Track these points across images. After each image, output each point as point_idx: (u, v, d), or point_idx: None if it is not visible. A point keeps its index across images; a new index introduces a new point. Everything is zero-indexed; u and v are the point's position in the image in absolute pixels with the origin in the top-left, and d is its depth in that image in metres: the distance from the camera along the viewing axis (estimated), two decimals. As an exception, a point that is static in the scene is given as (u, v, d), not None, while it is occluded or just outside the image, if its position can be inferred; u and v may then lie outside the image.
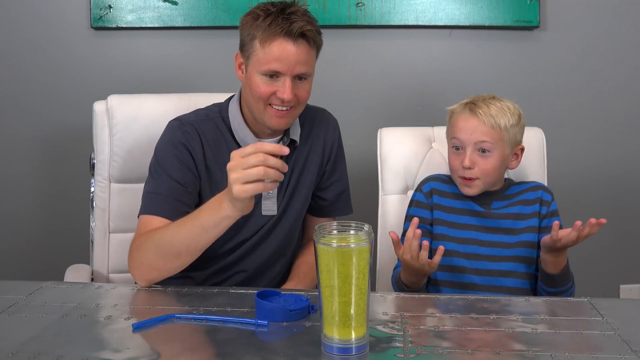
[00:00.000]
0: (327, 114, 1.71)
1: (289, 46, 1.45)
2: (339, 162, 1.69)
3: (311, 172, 1.62)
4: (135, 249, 1.41)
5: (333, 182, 1.68)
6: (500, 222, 1.57)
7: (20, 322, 1.18)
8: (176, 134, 1.53)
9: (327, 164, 1.66)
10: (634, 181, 2.57)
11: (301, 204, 1.62)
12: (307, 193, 1.63)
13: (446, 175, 1.67)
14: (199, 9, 2.37)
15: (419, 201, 1.64)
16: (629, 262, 2.62)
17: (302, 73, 1.48)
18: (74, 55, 2.42)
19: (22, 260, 2.49)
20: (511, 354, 1.06)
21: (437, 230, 1.60)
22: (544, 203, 1.58)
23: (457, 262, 1.56)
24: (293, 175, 1.60)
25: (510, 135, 1.55)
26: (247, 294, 1.32)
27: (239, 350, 1.09)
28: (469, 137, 1.55)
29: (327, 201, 1.68)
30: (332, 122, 1.70)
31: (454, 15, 2.42)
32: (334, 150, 1.67)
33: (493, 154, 1.54)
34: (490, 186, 1.59)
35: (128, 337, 1.12)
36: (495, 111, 1.54)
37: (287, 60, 1.45)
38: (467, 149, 1.55)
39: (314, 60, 1.52)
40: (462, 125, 1.57)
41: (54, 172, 2.48)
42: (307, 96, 1.53)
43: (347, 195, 1.72)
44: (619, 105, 2.53)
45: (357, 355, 1.04)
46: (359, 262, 1.01)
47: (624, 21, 2.48)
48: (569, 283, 1.50)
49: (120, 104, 1.80)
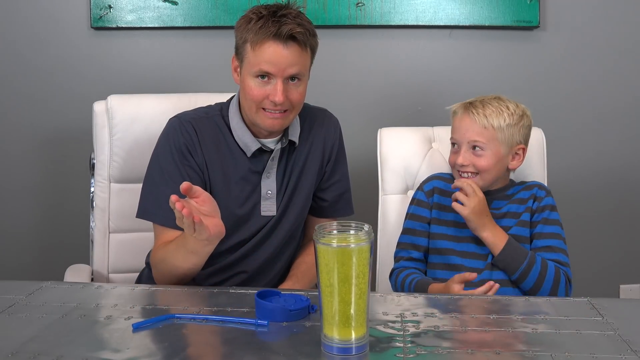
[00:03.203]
0: (329, 114, 1.71)
1: (279, 48, 1.45)
2: (339, 163, 1.69)
3: (311, 172, 1.62)
4: (154, 266, 1.53)
5: (334, 182, 1.68)
6: (498, 222, 1.58)
7: (20, 322, 1.18)
8: (177, 137, 1.54)
9: (328, 164, 1.66)
10: (633, 181, 2.57)
11: (301, 205, 1.62)
12: (307, 194, 1.63)
13: (449, 174, 1.68)
14: (199, 9, 2.37)
15: (420, 200, 1.67)
16: (629, 262, 2.62)
17: (294, 74, 1.48)
18: (74, 55, 2.42)
19: (22, 260, 2.49)
20: (511, 354, 1.06)
21: (435, 230, 1.62)
22: (537, 199, 1.60)
23: (453, 260, 1.58)
24: (292, 176, 1.60)
25: (505, 135, 1.57)
26: (247, 294, 1.32)
27: (239, 350, 1.09)
28: (463, 136, 1.59)
29: (328, 202, 1.68)
30: (333, 123, 1.69)
31: (454, 15, 2.41)
32: (334, 151, 1.67)
33: (486, 152, 1.57)
34: (489, 184, 1.60)
35: (128, 337, 1.12)
36: (490, 111, 1.57)
37: (277, 63, 1.46)
38: (462, 147, 1.59)
39: (308, 62, 1.52)
40: (457, 124, 1.62)
41: (54, 172, 2.48)
42: (300, 98, 1.52)
43: (348, 196, 1.72)
44: (619, 105, 2.53)
45: (357, 355, 1.04)
46: (359, 262, 1.01)
47: (624, 21, 2.48)
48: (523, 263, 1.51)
49: (120, 104, 1.80)
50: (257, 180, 1.57)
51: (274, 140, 1.58)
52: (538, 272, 1.50)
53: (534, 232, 1.58)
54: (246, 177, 1.56)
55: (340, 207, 1.70)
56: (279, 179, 1.58)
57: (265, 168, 1.56)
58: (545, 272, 1.50)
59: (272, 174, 1.57)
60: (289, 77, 1.48)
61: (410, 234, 1.64)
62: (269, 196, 1.57)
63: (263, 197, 1.57)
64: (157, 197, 1.51)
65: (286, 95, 1.47)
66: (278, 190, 1.58)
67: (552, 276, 1.50)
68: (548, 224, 1.58)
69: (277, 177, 1.58)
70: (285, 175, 1.59)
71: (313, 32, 1.50)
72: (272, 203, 1.57)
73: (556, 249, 1.55)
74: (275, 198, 1.58)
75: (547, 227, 1.57)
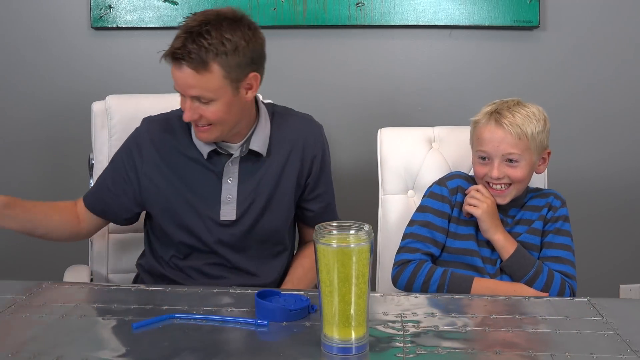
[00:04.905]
0: (313, 123, 1.64)
1: (174, 69, 1.42)
2: (324, 173, 1.63)
3: (289, 183, 1.57)
4: None
5: (319, 194, 1.64)
6: (510, 228, 1.57)
7: (20, 322, 1.18)
8: (132, 137, 1.60)
9: (310, 176, 1.60)
10: (634, 181, 2.57)
11: (280, 216, 1.58)
12: (286, 205, 1.58)
13: (470, 176, 1.64)
14: (199, 9, 2.34)
15: (443, 196, 1.59)
16: (629, 262, 2.62)
17: (195, 96, 1.42)
18: (74, 55, 2.42)
19: (22, 260, 2.49)
20: (511, 354, 1.06)
21: (456, 229, 1.57)
22: (552, 208, 1.57)
23: (476, 262, 1.54)
24: (264, 185, 1.55)
25: (537, 142, 1.53)
26: (247, 294, 1.32)
27: (239, 350, 1.09)
28: (497, 148, 1.52)
29: (314, 212, 1.65)
30: (314, 132, 1.62)
31: (454, 15, 2.41)
32: (316, 162, 1.60)
33: (521, 163, 1.52)
34: (520, 192, 1.57)
35: (128, 337, 1.12)
36: (521, 120, 1.51)
37: (177, 83, 1.43)
38: (495, 160, 1.52)
39: (214, 83, 1.40)
40: (488, 136, 1.53)
41: (53, 173, 2.48)
42: (215, 117, 1.44)
43: (333, 206, 1.68)
44: (619, 105, 2.53)
45: (357, 355, 1.04)
46: (359, 262, 1.01)
47: (624, 21, 2.48)
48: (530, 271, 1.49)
49: (119, 104, 1.80)
50: (217, 183, 1.53)
51: (237, 145, 1.54)
52: (543, 283, 1.48)
53: (545, 241, 1.55)
54: (202, 179, 1.53)
55: (326, 217, 1.62)
56: (243, 185, 1.54)
57: (224, 172, 1.53)
58: (550, 283, 1.48)
59: (234, 179, 1.53)
60: (192, 97, 1.42)
61: (430, 228, 1.56)
62: (229, 200, 1.53)
63: (223, 201, 1.53)
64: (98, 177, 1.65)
65: (199, 113, 1.43)
66: (240, 196, 1.53)
67: (557, 288, 1.49)
68: (560, 234, 1.55)
69: (241, 183, 1.53)
70: (252, 183, 1.54)
71: (217, 49, 1.38)
72: (232, 208, 1.53)
73: (565, 260, 1.52)
74: (236, 203, 1.53)
75: (558, 238, 1.54)
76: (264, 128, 1.55)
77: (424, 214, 1.58)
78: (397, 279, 1.53)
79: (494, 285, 1.48)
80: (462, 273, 1.51)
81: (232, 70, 1.41)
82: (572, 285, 1.51)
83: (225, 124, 1.46)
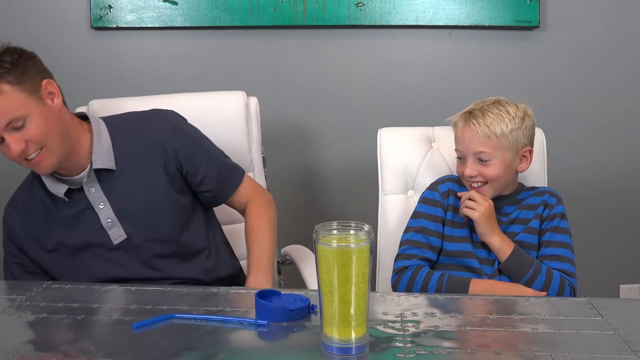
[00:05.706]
0: (155, 116, 1.59)
1: None
2: (197, 153, 1.58)
3: (159, 179, 1.53)
4: None
5: (205, 175, 1.58)
6: (506, 227, 1.57)
7: (20, 322, 1.18)
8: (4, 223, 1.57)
9: (184, 165, 1.56)
10: (633, 181, 2.57)
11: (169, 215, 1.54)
12: (169, 200, 1.54)
13: (458, 177, 1.66)
14: (199, 9, 2.37)
15: (436, 200, 1.61)
16: (629, 262, 2.63)
17: (9, 122, 1.36)
18: (74, 55, 2.42)
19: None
20: (511, 354, 1.06)
21: (451, 232, 1.59)
22: (548, 206, 1.58)
23: (472, 264, 1.55)
24: (136, 194, 1.51)
25: (510, 141, 1.54)
26: (247, 293, 1.32)
27: (238, 350, 1.09)
28: (467, 147, 1.56)
29: (213, 191, 1.61)
30: (160, 123, 1.57)
31: (454, 15, 2.42)
32: (180, 148, 1.55)
33: (493, 161, 1.54)
34: (501, 190, 1.59)
35: (128, 337, 1.12)
36: (490, 119, 1.53)
37: None
38: (468, 158, 1.56)
39: (14, 97, 1.36)
40: (460, 136, 1.58)
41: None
42: (37, 133, 1.39)
43: (225, 172, 1.62)
44: (619, 105, 2.53)
45: (357, 355, 1.04)
46: (359, 262, 1.01)
47: (623, 21, 2.48)
48: (529, 271, 1.50)
49: (102, 109, 1.76)
50: (92, 214, 1.50)
51: (81, 176, 1.49)
52: (543, 282, 1.49)
53: (543, 239, 1.56)
54: (79, 219, 1.50)
55: (228, 186, 1.61)
56: (115, 203, 1.50)
57: (91, 201, 1.50)
58: (550, 282, 1.49)
59: (104, 202, 1.50)
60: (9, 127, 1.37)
61: (425, 233, 1.58)
62: (111, 224, 1.50)
63: (107, 226, 1.50)
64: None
65: (23, 140, 1.38)
66: (119, 215, 1.50)
67: (556, 286, 1.49)
68: (557, 232, 1.55)
69: (112, 203, 1.50)
70: (123, 196, 1.51)
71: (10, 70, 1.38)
72: (119, 228, 1.50)
73: (563, 258, 1.53)
74: (119, 222, 1.50)
75: (556, 236, 1.55)
76: (102, 142, 1.51)
77: (418, 220, 1.61)
78: (397, 286, 1.55)
79: (491, 286, 1.49)
80: (460, 275, 1.52)
81: (24, 82, 1.39)
82: (572, 283, 1.51)
83: (52, 139, 1.41)
